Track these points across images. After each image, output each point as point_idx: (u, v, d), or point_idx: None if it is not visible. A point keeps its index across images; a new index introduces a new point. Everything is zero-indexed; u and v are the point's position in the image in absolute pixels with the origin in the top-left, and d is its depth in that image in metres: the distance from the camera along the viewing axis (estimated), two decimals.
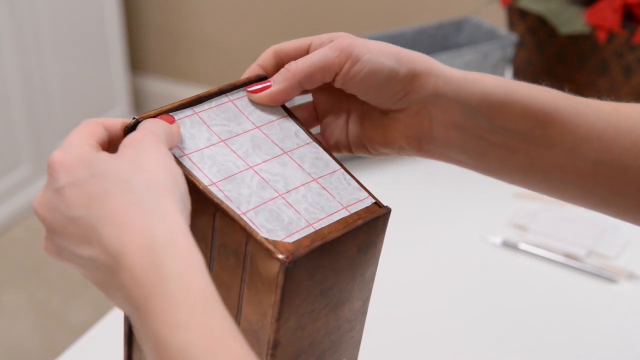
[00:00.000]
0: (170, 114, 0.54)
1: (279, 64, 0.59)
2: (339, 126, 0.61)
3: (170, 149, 0.50)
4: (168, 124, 0.52)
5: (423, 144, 0.59)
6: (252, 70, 0.59)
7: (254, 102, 0.57)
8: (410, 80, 0.56)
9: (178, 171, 0.47)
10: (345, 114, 0.61)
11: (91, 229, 0.45)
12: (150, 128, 0.50)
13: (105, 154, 0.48)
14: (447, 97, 0.56)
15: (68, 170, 0.47)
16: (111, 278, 0.45)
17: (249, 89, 0.57)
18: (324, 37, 0.58)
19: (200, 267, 0.43)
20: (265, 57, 0.59)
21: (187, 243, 0.44)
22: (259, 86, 0.57)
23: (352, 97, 0.60)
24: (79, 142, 0.49)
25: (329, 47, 0.56)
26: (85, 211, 0.45)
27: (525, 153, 0.57)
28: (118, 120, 0.53)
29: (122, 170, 0.46)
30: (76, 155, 0.47)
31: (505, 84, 0.57)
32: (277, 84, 0.56)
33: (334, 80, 0.57)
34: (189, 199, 0.47)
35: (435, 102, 0.57)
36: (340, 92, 0.60)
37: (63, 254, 0.48)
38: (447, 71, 0.57)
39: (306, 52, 0.59)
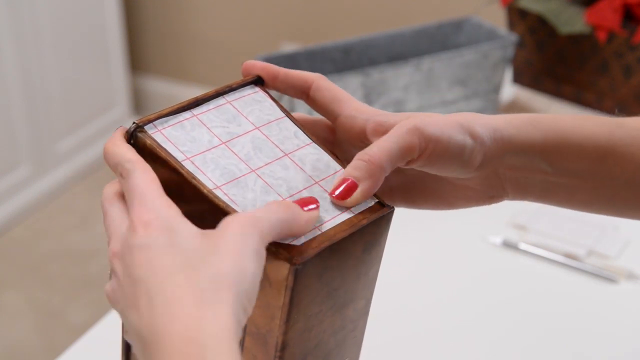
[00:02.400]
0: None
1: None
2: None
3: (285, 237, 0.48)
4: (293, 211, 0.48)
5: (494, 199, 0.59)
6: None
7: (252, 104, 0.57)
8: (481, 151, 0.55)
9: (251, 265, 0.45)
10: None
11: (147, 298, 0.44)
12: (259, 215, 0.47)
13: (190, 229, 0.46)
14: (511, 154, 0.56)
15: (149, 230, 0.45)
16: (142, 353, 0.44)
17: (335, 195, 0.52)
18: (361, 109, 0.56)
19: None
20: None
21: (232, 344, 0.43)
22: (342, 187, 0.52)
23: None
24: (161, 201, 0.47)
25: (404, 131, 0.53)
26: (148, 276, 0.44)
27: (588, 189, 0.57)
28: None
29: (197, 254, 0.45)
30: (161, 218, 0.46)
31: (560, 126, 0.56)
32: (363, 181, 0.52)
33: (407, 162, 0.54)
34: (254, 296, 0.45)
35: (501, 162, 0.56)
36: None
37: (117, 304, 0.47)
38: (502, 127, 0.55)
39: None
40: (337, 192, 0.52)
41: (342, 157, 0.59)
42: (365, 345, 0.60)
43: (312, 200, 0.50)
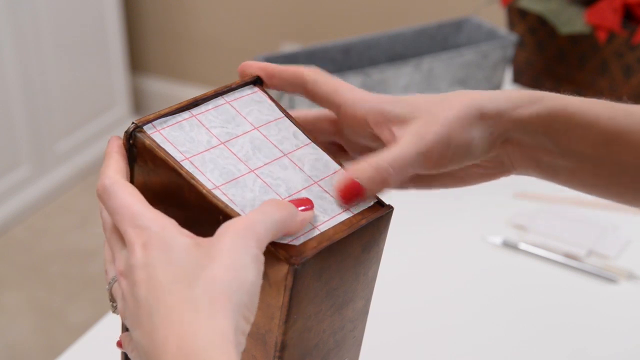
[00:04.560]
0: (302, 205, 0.51)
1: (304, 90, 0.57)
2: None
3: (281, 236, 0.48)
4: (288, 210, 0.48)
5: (503, 174, 0.59)
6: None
7: (251, 104, 0.57)
8: (489, 139, 0.56)
9: (249, 274, 0.45)
10: None
11: (148, 314, 0.45)
12: (255, 218, 0.47)
13: (184, 241, 0.46)
14: (518, 131, 0.56)
15: (147, 250, 0.46)
16: None
17: (339, 191, 0.52)
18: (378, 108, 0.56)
19: None
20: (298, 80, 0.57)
21: (228, 352, 0.43)
22: (347, 188, 0.52)
23: None
24: (150, 215, 0.47)
25: (419, 152, 0.53)
26: (148, 294, 0.45)
27: (590, 171, 0.58)
28: None
29: (192, 266, 0.45)
30: (156, 236, 0.46)
31: (566, 107, 0.56)
32: (370, 192, 0.53)
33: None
34: (254, 304, 0.45)
35: (508, 140, 0.57)
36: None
37: (127, 322, 0.48)
38: (509, 107, 0.55)
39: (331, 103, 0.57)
40: (341, 189, 0.52)
41: (347, 145, 0.60)
42: (365, 345, 0.60)
43: (306, 201, 0.50)
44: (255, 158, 0.54)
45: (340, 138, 0.60)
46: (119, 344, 0.55)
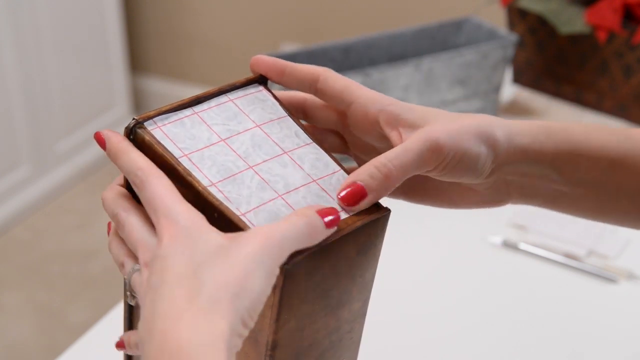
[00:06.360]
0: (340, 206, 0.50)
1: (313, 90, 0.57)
2: None
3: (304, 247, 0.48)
4: (314, 224, 0.48)
5: (498, 203, 0.60)
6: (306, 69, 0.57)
7: (254, 102, 0.57)
8: (495, 161, 0.56)
9: (259, 283, 0.45)
10: None
11: (151, 303, 0.45)
12: (283, 234, 0.47)
13: (210, 238, 0.47)
14: (522, 162, 0.56)
15: (173, 241, 0.47)
16: (142, 355, 0.45)
17: (341, 197, 0.52)
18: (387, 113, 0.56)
19: None
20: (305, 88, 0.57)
21: (222, 355, 0.43)
22: (350, 191, 0.52)
23: None
24: (182, 208, 0.48)
25: (425, 147, 0.53)
26: (158, 284, 0.46)
27: (592, 198, 0.58)
28: None
29: (208, 262, 0.46)
30: (185, 229, 0.47)
31: (572, 137, 0.56)
32: (374, 192, 0.52)
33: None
34: (256, 311, 0.46)
35: (511, 169, 0.57)
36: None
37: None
38: (518, 136, 0.56)
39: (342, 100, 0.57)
40: (343, 194, 0.52)
41: (350, 141, 0.60)
42: (363, 346, 0.60)
43: (332, 211, 0.50)
44: (255, 155, 0.53)
45: (345, 132, 0.60)
46: (121, 344, 0.55)
